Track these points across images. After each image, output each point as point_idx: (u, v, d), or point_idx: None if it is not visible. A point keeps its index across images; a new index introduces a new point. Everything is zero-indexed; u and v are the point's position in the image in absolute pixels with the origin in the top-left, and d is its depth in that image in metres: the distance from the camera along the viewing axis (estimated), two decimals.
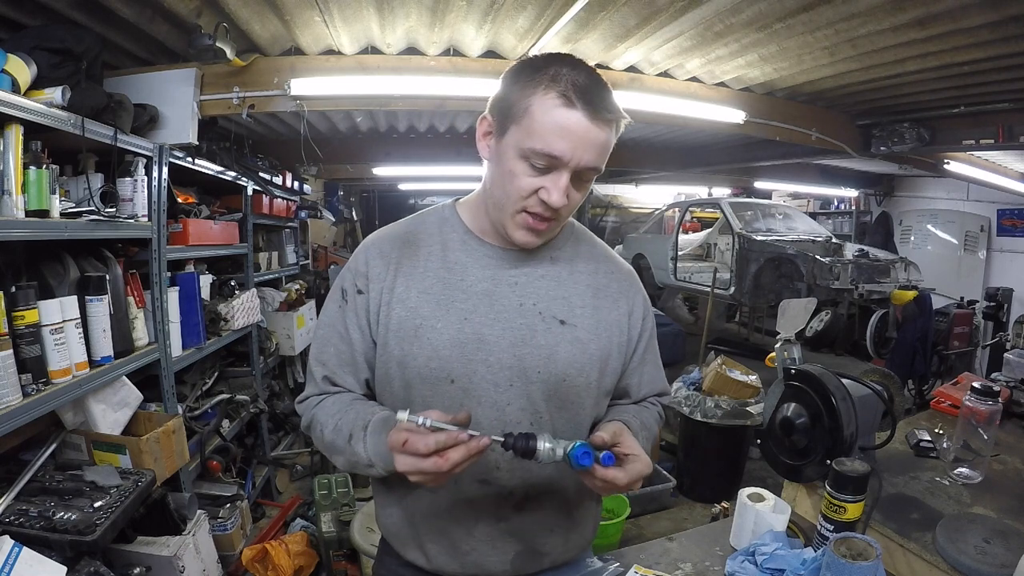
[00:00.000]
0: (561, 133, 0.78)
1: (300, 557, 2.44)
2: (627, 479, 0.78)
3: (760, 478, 3.33)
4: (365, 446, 0.83)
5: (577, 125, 0.77)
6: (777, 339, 1.45)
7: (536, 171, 0.81)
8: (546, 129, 0.78)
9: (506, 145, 0.83)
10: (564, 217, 0.88)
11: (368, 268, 0.93)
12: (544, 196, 0.81)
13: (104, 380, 1.74)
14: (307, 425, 0.96)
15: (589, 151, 0.79)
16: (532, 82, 0.79)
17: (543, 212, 0.83)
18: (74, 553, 1.37)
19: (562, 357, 0.91)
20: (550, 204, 0.81)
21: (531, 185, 0.82)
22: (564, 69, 0.79)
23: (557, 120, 0.77)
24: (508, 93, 0.83)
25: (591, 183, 0.88)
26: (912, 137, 3.56)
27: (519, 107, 0.80)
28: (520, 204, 0.84)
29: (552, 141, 0.78)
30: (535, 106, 0.78)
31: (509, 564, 0.95)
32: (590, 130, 0.78)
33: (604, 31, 2.44)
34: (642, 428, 0.96)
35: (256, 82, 2.47)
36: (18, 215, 1.44)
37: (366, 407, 0.91)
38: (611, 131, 0.82)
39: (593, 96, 0.78)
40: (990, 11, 2.05)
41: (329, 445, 0.90)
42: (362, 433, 0.84)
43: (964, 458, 1.29)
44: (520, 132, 0.80)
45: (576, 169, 0.80)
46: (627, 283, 1.01)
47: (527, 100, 0.79)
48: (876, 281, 4.87)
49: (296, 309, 3.65)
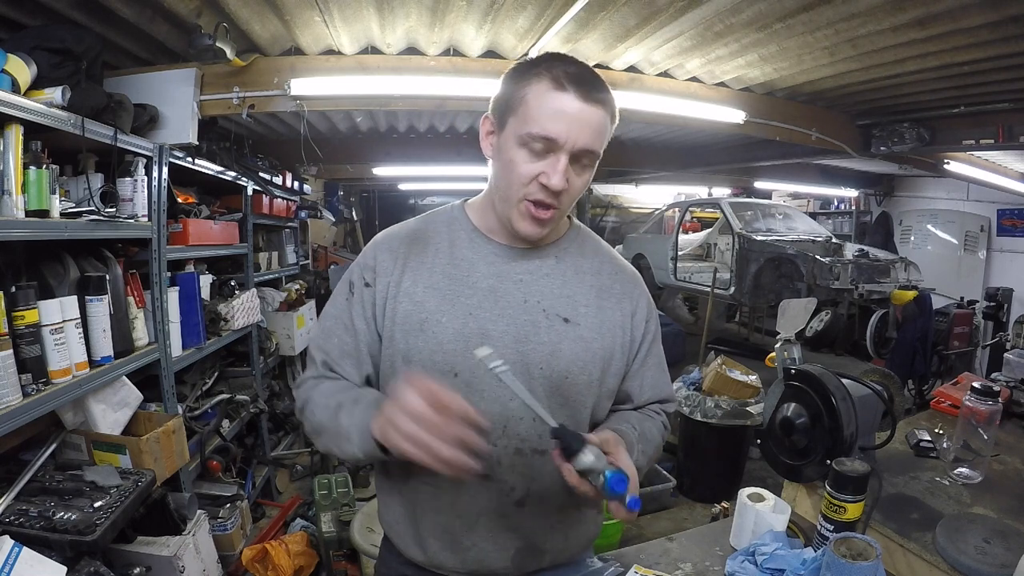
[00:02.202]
0: (555, 115, 0.81)
1: (300, 557, 2.44)
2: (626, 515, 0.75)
3: (760, 478, 3.32)
4: (351, 417, 0.83)
5: (570, 106, 0.81)
6: (777, 339, 1.45)
7: (535, 156, 0.84)
8: (541, 113, 0.81)
9: (506, 137, 0.86)
10: (566, 205, 0.89)
11: (376, 262, 0.95)
12: (544, 180, 0.83)
13: (104, 380, 1.74)
14: (301, 407, 0.95)
15: (584, 132, 0.82)
16: (527, 75, 0.84)
17: (545, 198, 0.85)
18: (74, 553, 1.37)
19: (565, 354, 0.91)
20: (550, 187, 0.83)
21: (531, 171, 0.84)
22: (556, 62, 0.84)
23: (550, 103, 0.81)
24: (506, 90, 0.87)
25: (591, 170, 0.88)
26: (912, 137, 3.56)
27: (515, 99, 0.84)
28: (522, 192, 0.86)
29: (546, 123, 0.81)
30: (530, 95, 0.83)
31: (510, 561, 0.96)
32: (583, 110, 0.81)
33: (604, 31, 2.44)
34: (640, 439, 0.93)
35: (256, 82, 2.47)
36: (18, 215, 1.44)
37: (366, 391, 0.92)
38: (605, 114, 0.85)
39: (584, 80, 0.82)
40: (990, 11, 2.05)
41: (316, 424, 0.90)
42: (352, 406, 0.84)
43: (964, 458, 1.29)
44: (517, 121, 0.84)
45: (573, 151, 0.83)
46: (631, 285, 1.02)
47: (523, 91, 0.84)
48: (876, 281, 4.87)
49: (296, 309, 3.65)
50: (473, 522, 0.94)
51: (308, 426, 0.93)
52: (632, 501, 0.72)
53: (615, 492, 0.72)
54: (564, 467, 0.75)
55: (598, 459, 0.73)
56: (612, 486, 0.72)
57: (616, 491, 0.72)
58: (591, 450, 0.73)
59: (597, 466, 0.73)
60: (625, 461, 0.78)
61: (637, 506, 0.73)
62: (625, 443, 0.86)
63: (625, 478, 0.73)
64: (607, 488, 0.72)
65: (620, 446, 0.81)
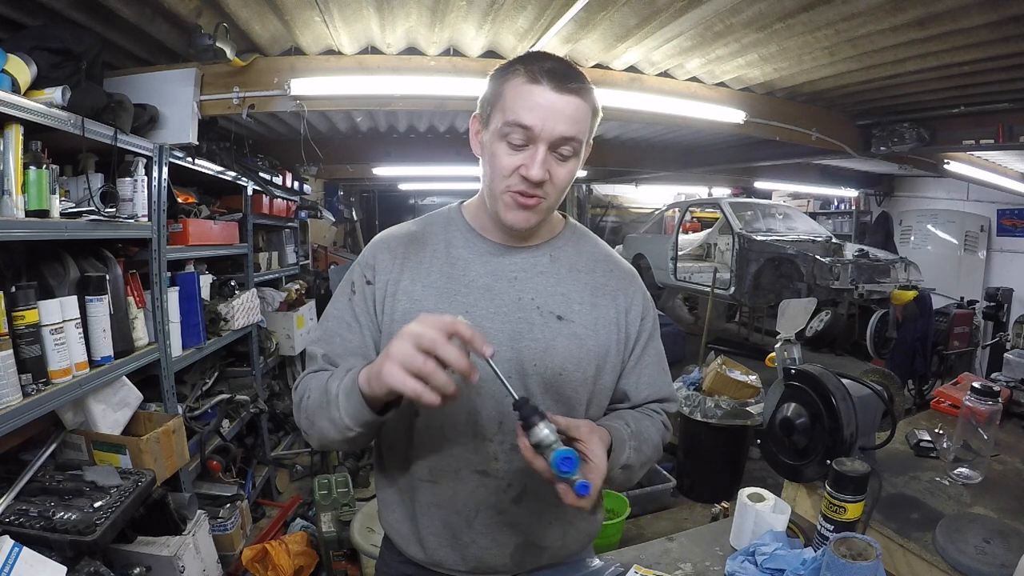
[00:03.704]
0: (529, 106, 0.83)
1: (300, 557, 2.44)
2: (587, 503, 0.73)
3: (760, 478, 3.33)
4: (339, 382, 0.80)
5: (543, 97, 0.83)
6: (777, 339, 1.46)
7: (514, 149, 0.85)
8: (516, 104, 0.84)
9: (489, 133, 0.89)
10: (553, 197, 0.90)
11: (376, 261, 0.97)
12: (524, 172, 0.85)
13: (104, 380, 1.74)
14: (298, 400, 0.91)
15: (560, 121, 0.83)
16: (506, 73, 0.87)
17: (527, 189, 0.86)
18: (74, 553, 1.36)
19: (559, 352, 0.92)
20: (529, 178, 0.84)
21: (511, 163, 0.86)
22: (534, 60, 0.86)
23: (524, 95, 0.84)
24: (488, 89, 0.90)
25: (576, 159, 0.89)
26: (912, 137, 3.56)
27: (496, 95, 0.87)
28: (504, 184, 0.87)
29: (522, 113, 0.83)
30: (507, 90, 0.86)
31: (509, 558, 0.96)
32: (556, 100, 0.83)
33: (604, 31, 2.44)
34: (634, 436, 0.91)
35: (256, 82, 2.47)
36: (18, 215, 1.44)
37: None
38: (582, 102, 0.85)
39: (557, 72, 0.84)
40: (990, 11, 2.05)
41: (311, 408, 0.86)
42: (343, 374, 0.81)
43: (964, 458, 1.29)
44: (497, 116, 0.87)
45: (550, 140, 0.84)
46: (626, 281, 1.02)
47: (501, 87, 0.87)
48: (876, 281, 4.87)
49: (296, 309, 3.65)
50: (471, 518, 0.94)
51: (304, 420, 0.89)
52: (580, 486, 0.71)
53: (561, 471, 0.70)
54: (520, 440, 0.74)
55: (554, 436, 0.72)
56: (557, 463, 0.70)
57: (562, 470, 0.70)
58: (547, 425, 0.72)
59: (548, 440, 0.71)
60: (596, 451, 0.77)
61: (586, 491, 0.71)
62: (614, 439, 0.85)
63: (574, 459, 0.71)
64: (553, 465, 0.71)
65: (594, 436, 0.79)
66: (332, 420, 0.80)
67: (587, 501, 0.72)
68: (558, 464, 0.71)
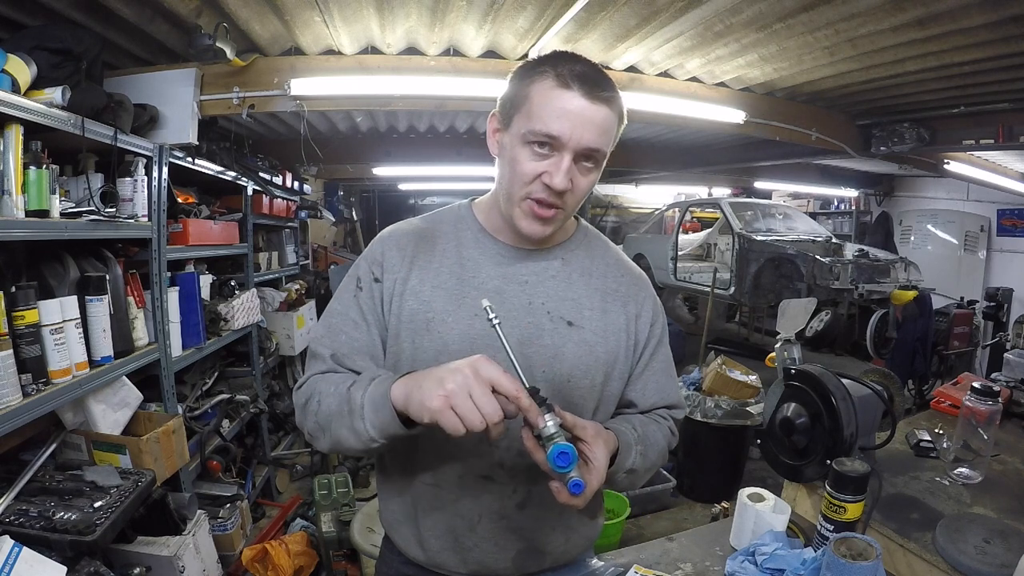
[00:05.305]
0: (559, 113, 0.79)
1: (300, 557, 2.44)
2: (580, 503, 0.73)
3: (760, 478, 3.32)
4: (364, 391, 0.78)
5: (573, 104, 0.79)
6: (777, 339, 1.46)
7: (538, 156, 0.82)
8: (544, 111, 0.80)
9: (511, 135, 0.85)
10: (570, 207, 0.87)
11: (384, 258, 0.94)
12: (547, 180, 0.82)
13: (104, 380, 1.74)
14: (303, 402, 0.88)
15: (588, 130, 0.80)
16: (532, 73, 0.83)
17: (547, 197, 0.84)
18: (74, 553, 1.36)
19: (568, 358, 0.91)
20: (553, 187, 0.82)
21: (534, 170, 0.83)
22: (563, 60, 0.82)
23: (554, 101, 0.80)
24: (512, 89, 0.87)
25: (597, 171, 0.87)
26: (912, 137, 3.56)
27: (520, 97, 0.83)
28: (524, 190, 0.84)
29: (550, 122, 0.80)
30: (534, 92, 0.82)
31: (511, 562, 0.96)
32: (587, 108, 0.80)
33: (604, 31, 2.44)
34: (640, 441, 0.90)
35: (256, 82, 2.47)
36: (18, 215, 1.44)
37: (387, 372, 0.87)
38: (611, 112, 0.83)
39: (589, 78, 0.80)
40: (990, 11, 2.05)
41: (324, 414, 0.83)
42: (367, 383, 0.79)
43: (964, 458, 1.29)
44: (521, 119, 0.83)
45: (577, 150, 0.81)
46: (636, 287, 1.01)
47: (527, 89, 0.83)
48: (876, 281, 4.87)
49: (296, 309, 3.66)
50: (474, 523, 0.93)
51: (311, 423, 0.86)
52: (573, 484, 0.70)
53: (557, 466, 0.70)
54: (524, 428, 0.73)
55: (556, 430, 0.71)
56: (553, 458, 0.70)
57: (557, 465, 0.70)
58: (552, 418, 0.71)
59: (549, 432, 0.71)
60: (597, 455, 0.76)
61: (579, 490, 0.71)
62: (620, 443, 0.85)
63: (571, 455, 0.70)
64: (549, 459, 0.70)
65: (599, 439, 0.78)
66: (355, 431, 0.78)
67: (579, 500, 0.72)
68: (554, 458, 0.70)
